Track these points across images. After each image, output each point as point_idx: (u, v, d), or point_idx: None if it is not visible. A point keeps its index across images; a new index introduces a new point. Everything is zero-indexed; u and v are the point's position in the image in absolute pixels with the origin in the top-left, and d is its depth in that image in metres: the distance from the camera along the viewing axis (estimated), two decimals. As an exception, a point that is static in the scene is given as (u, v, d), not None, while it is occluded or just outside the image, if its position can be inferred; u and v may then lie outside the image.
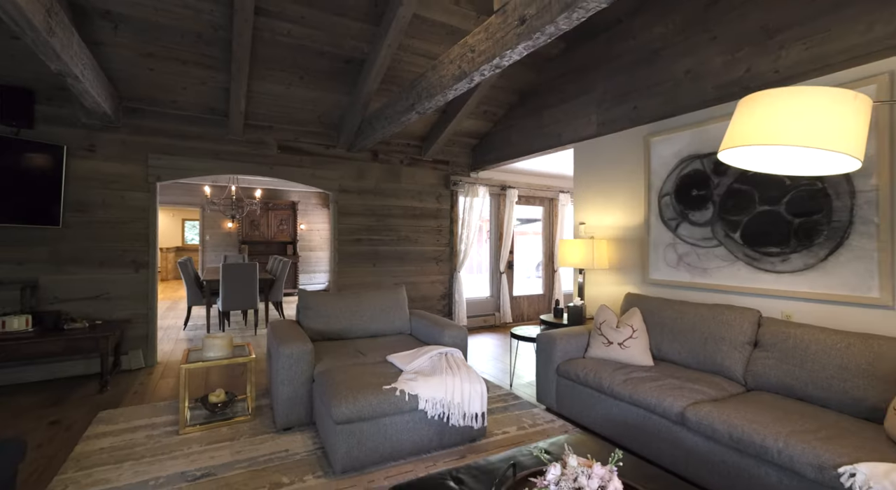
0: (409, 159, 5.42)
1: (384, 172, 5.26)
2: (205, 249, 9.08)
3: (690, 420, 2.04)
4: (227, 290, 5.32)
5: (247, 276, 5.43)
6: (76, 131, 3.79)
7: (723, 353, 2.46)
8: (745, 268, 2.73)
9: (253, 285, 5.48)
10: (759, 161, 1.44)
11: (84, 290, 3.81)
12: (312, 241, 10.19)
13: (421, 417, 2.34)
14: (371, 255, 5.17)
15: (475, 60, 2.59)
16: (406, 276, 5.38)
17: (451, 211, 5.68)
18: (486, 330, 5.84)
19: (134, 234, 4.00)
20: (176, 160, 4.15)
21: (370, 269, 5.16)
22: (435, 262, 5.58)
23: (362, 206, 5.13)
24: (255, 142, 4.53)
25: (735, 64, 2.82)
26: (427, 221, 5.53)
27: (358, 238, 5.10)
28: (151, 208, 4.06)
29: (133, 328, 4.00)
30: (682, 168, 3.15)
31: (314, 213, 10.20)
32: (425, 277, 5.52)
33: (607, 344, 2.89)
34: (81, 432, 2.65)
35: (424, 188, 5.52)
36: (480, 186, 5.68)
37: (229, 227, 9.26)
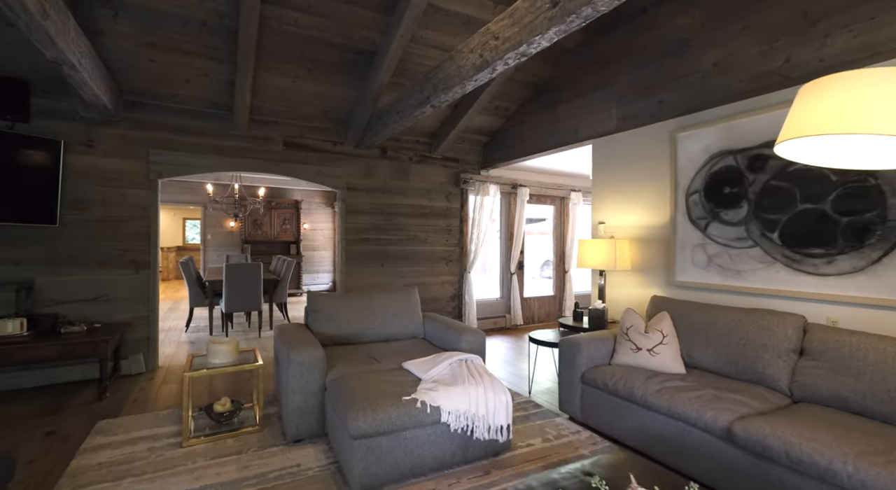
0: (418, 157, 5.26)
1: (393, 170, 5.10)
2: (206, 249, 8.92)
3: (739, 436, 1.88)
4: (230, 291, 5.16)
5: (250, 276, 5.27)
6: (74, 125, 3.63)
7: (764, 361, 2.30)
8: (784, 270, 2.57)
9: (257, 286, 5.32)
10: (818, 154, 1.28)
11: (82, 291, 3.65)
12: (316, 241, 10.03)
13: (443, 430, 2.18)
14: (379, 255, 5.01)
15: (499, 48, 2.43)
16: (415, 276, 5.22)
17: (460, 210, 5.51)
18: (497, 332, 5.68)
19: (134, 233, 3.84)
20: (178, 156, 3.99)
21: (378, 270, 5.00)
22: (444, 263, 5.42)
23: (370, 204, 4.97)
24: (260, 138, 4.37)
25: (772, 54, 2.66)
26: (436, 220, 5.37)
27: (366, 237, 4.94)
28: (152, 206, 3.90)
29: (133, 331, 3.84)
30: (712, 164, 2.99)
31: (317, 213, 10.04)
32: (435, 278, 5.36)
33: (635, 350, 2.73)
34: (78, 444, 2.49)
35: (434, 186, 5.35)
36: (491, 185, 5.52)
37: (231, 226, 9.10)
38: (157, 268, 3.94)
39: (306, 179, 4.62)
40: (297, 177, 4.57)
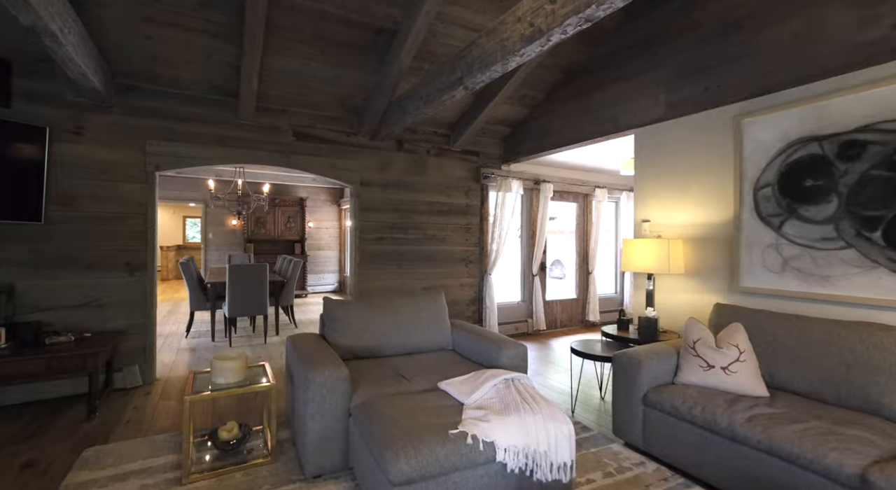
0: (436, 149, 4.88)
1: (409, 164, 4.72)
2: (207, 248, 8.55)
3: (880, 488, 1.50)
4: (234, 294, 4.79)
5: (256, 278, 4.89)
6: (61, 111, 3.25)
7: (880, 386, 1.93)
8: (889, 276, 2.19)
9: (262, 289, 4.94)
10: None
11: (70, 296, 3.28)
12: (321, 240, 9.66)
13: (497, 471, 1.81)
14: (395, 256, 4.63)
15: (556, 13, 2.05)
16: (433, 278, 4.85)
17: (481, 207, 5.14)
18: (519, 338, 5.31)
19: (129, 231, 3.46)
20: (177, 147, 3.61)
21: (395, 271, 4.63)
22: (464, 264, 5.05)
23: (386, 200, 4.59)
24: (268, 127, 3.99)
25: (875, 21, 2.28)
26: (455, 218, 4.99)
27: (381, 236, 4.56)
28: (150, 202, 3.52)
29: (128, 340, 3.46)
30: (789, 153, 2.61)
31: (322, 210, 9.67)
32: (454, 280, 4.98)
33: (706, 368, 2.35)
34: (60, 478, 2.12)
35: (452, 182, 4.98)
36: (514, 180, 5.14)
37: (234, 224, 8.73)
38: (154, 270, 3.57)
39: (318, 174, 4.24)
40: (307, 171, 4.19)
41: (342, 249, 9.78)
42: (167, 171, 3.63)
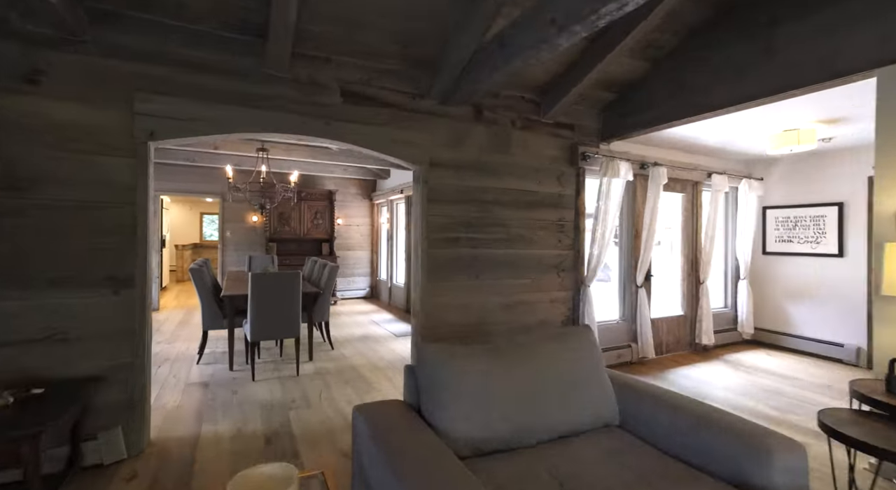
0: (522, 121, 3.67)
1: (490, 139, 3.53)
2: (225, 248, 7.52)
3: None
4: (258, 311, 3.67)
5: (286, 290, 3.77)
6: (8, 46, 2.15)
7: None
8: None
9: (294, 304, 3.82)
10: None
11: (20, 327, 2.18)
12: (350, 239, 8.56)
13: None
14: (471, 263, 3.45)
15: None
16: (518, 292, 3.65)
17: (576, 198, 3.92)
18: (623, 369, 4.07)
19: (111, 228, 2.35)
20: (179, 105, 2.48)
21: (470, 284, 3.45)
22: (556, 272, 3.83)
23: (460, 188, 3.41)
24: (307, 82, 2.84)
25: None
26: (545, 212, 3.78)
27: (454, 237, 3.38)
28: (141, 186, 2.41)
29: (108, 391, 2.35)
30: None
31: (352, 205, 8.56)
32: (543, 294, 3.78)
33: None
34: None
35: (542, 164, 3.77)
36: (622, 162, 3.90)
37: (254, 221, 7.68)
38: (149, 284, 2.46)
39: (374, 149, 3.07)
40: (358, 145, 3.02)
41: (374, 250, 8.66)
42: (166, 141, 2.51)
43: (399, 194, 7.18)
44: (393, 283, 7.74)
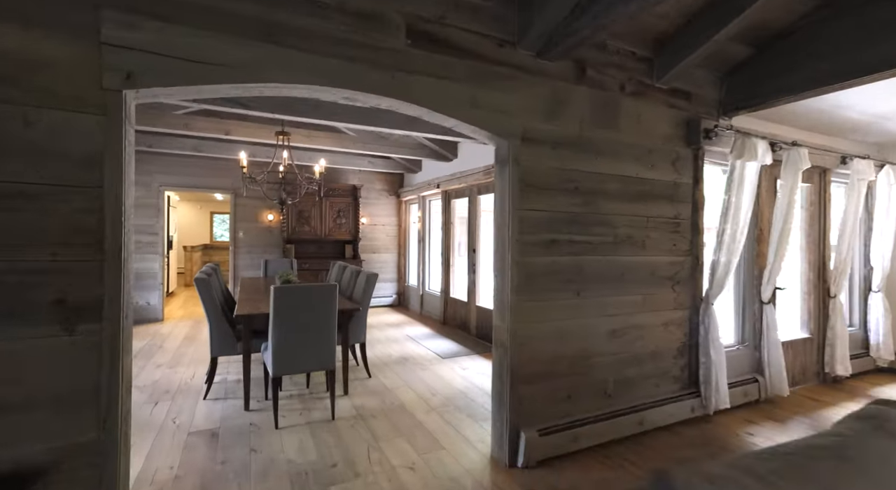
0: (633, 84, 2.75)
1: (594, 107, 2.62)
2: (237, 250, 6.69)
3: None
4: (282, 337, 2.80)
5: (319, 309, 2.89)
6: None
7: None
8: None
9: (329, 327, 2.93)
10: None
11: None
12: (376, 240, 7.69)
13: None
14: (573, 273, 2.54)
15: None
16: (626, 313, 2.73)
17: (694, 188, 2.99)
18: (749, 412, 3.12)
19: (65, 229, 1.48)
20: (173, 35, 1.60)
21: (571, 304, 2.53)
22: (670, 286, 2.91)
23: (559, 172, 2.50)
24: (360, 14, 1.95)
25: None
26: (658, 207, 2.86)
27: (551, 239, 2.48)
28: (113, 160, 1.53)
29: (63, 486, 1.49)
30: None
31: (378, 203, 7.69)
32: (655, 316, 2.85)
33: None
34: None
35: (655, 143, 2.85)
36: (759, 141, 2.96)
37: (269, 220, 6.84)
38: (124, 313, 1.59)
39: (447, 113, 2.17)
40: (433, 108, 2.12)
41: (402, 253, 7.78)
42: (151, 92, 1.63)
43: (434, 190, 6.28)
44: (425, 290, 6.85)
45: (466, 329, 5.55)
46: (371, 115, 4.13)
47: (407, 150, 5.78)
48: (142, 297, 5.95)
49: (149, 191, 6.03)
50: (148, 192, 6.02)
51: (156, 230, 6.04)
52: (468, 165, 5.51)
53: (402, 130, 4.30)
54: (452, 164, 5.98)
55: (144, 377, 3.71)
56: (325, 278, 6.72)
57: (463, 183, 5.52)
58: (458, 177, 5.61)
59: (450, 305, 6.03)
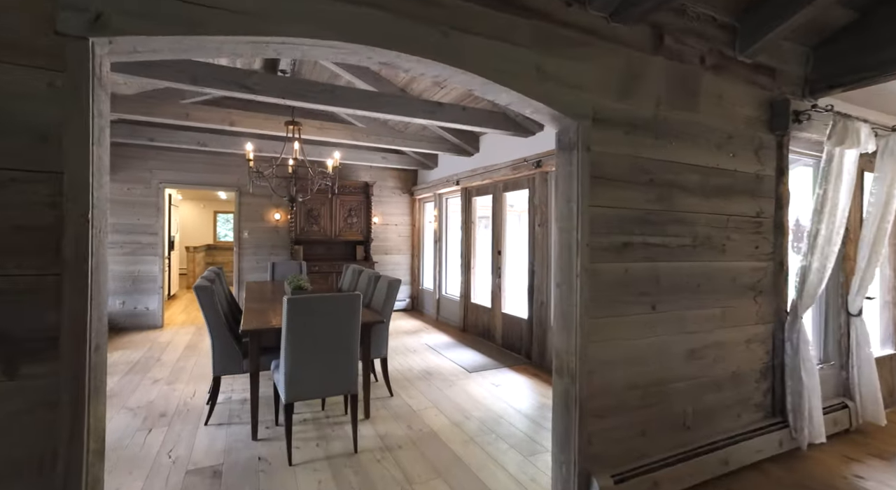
0: (714, 56, 2.31)
1: (671, 83, 2.18)
2: (242, 252, 6.28)
3: None
4: (297, 356, 2.37)
5: (340, 322, 2.46)
6: None
7: None
8: None
9: (350, 344, 2.51)
10: None
11: None
12: (388, 241, 7.26)
13: None
14: (648, 283, 2.11)
15: None
16: (705, 329, 2.29)
17: (778, 181, 2.54)
18: (839, 443, 2.67)
19: (4, 228, 1.06)
20: (162, -34, 1.18)
21: (645, 320, 2.10)
22: (752, 297, 2.47)
23: (631, 161, 2.06)
24: (403, -45, 1.53)
25: None
26: (739, 203, 2.42)
27: (624, 241, 2.04)
28: (74, 129, 1.11)
29: None
30: None
31: (390, 201, 7.27)
32: (737, 332, 2.41)
33: None
34: None
35: (737, 128, 2.40)
36: (862, 125, 2.51)
37: (276, 219, 6.43)
38: (95, 346, 1.16)
39: (506, 84, 1.72)
40: (492, 77, 1.68)
41: (415, 254, 7.35)
42: (130, 44, 1.21)
43: (452, 187, 5.85)
44: (442, 294, 6.42)
45: (490, 337, 5.12)
46: (391, 103, 3.71)
47: (425, 144, 5.35)
48: (140, 302, 5.56)
49: (148, 188, 5.63)
50: (147, 189, 5.62)
51: (155, 230, 5.64)
52: (492, 160, 5.07)
53: (424, 119, 3.87)
54: (474, 159, 5.55)
55: (139, 396, 3.30)
56: (338, 282, 6.31)
57: (486, 179, 5.08)
58: (481, 172, 5.18)
59: (470, 311, 5.59)
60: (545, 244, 4.22)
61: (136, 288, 5.53)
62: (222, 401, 3.23)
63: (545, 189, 4.21)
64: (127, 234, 5.51)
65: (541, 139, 4.27)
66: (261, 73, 3.23)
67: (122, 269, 5.47)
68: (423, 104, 3.86)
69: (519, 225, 5.29)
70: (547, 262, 4.20)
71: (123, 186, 5.50)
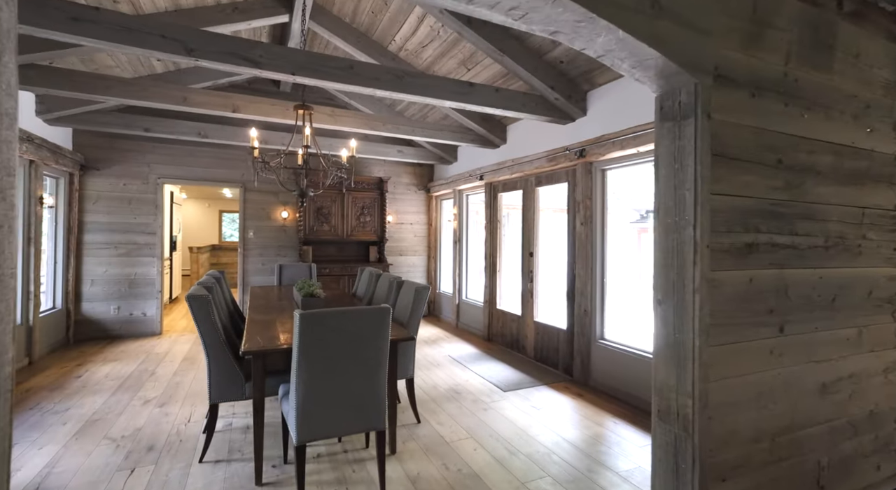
0: (852, 1, 1.79)
1: (803, 29, 1.65)
2: (247, 253, 5.82)
3: None
4: (310, 384, 1.88)
5: (365, 342, 1.96)
6: None
7: None
8: None
9: (377, 369, 2.01)
10: None
11: None
12: (402, 241, 6.77)
13: None
14: (776, 296, 1.58)
15: None
16: (838, 356, 1.77)
17: (916, 165, 2.01)
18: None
19: None
20: None
21: (771, 342, 1.58)
22: (889, 312, 1.94)
23: (756, 135, 1.54)
24: None
25: None
26: (876, 192, 1.89)
27: (747, 241, 1.52)
28: None
29: None
30: None
31: (404, 198, 6.77)
32: (874, 359, 1.88)
33: None
34: None
35: (874, 94, 1.87)
36: None
37: (284, 217, 5.96)
38: None
39: (610, 19, 1.23)
40: (588, 6, 1.19)
41: (432, 255, 6.85)
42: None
43: (475, 182, 5.34)
44: (462, 299, 5.91)
45: (520, 348, 4.61)
46: (418, 83, 3.22)
47: (447, 135, 4.85)
48: (136, 308, 5.11)
49: (146, 184, 5.18)
50: (145, 184, 5.17)
51: (153, 229, 5.19)
52: (522, 151, 4.56)
53: (454, 102, 3.37)
54: (500, 151, 5.04)
55: (125, 423, 2.82)
56: (350, 287, 5.83)
57: (516, 172, 4.57)
58: (509, 165, 4.67)
59: (496, 319, 5.08)
60: (590, 244, 3.70)
61: (131, 292, 5.08)
62: (221, 428, 2.75)
63: (589, 181, 3.69)
64: (122, 234, 5.06)
65: (582, 126, 3.76)
66: (268, 45, 2.75)
67: (117, 271, 5.03)
68: (453, 84, 3.36)
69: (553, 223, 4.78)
70: (591, 265, 3.68)
71: (118, 182, 5.06)
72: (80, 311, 4.87)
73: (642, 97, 3.15)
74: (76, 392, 3.31)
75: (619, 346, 3.46)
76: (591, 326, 3.69)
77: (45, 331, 4.23)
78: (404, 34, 3.91)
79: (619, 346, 3.46)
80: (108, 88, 3.33)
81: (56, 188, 4.62)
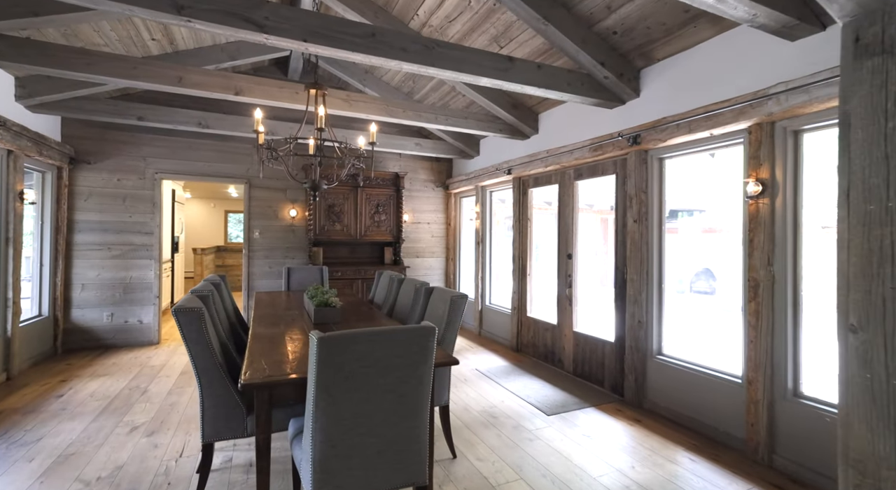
0: None
1: None
2: (252, 254, 5.37)
3: None
4: (331, 425, 1.41)
5: (399, 370, 1.49)
6: None
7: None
8: None
9: (419, 404, 1.54)
10: None
11: None
12: (419, 242, 6.29)
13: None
14: None
15: None
16: None
17: None
18: None
19: None
20: None
21: None
22: None
23: None
24: None
25: None
26: None
27: None
28: None
29: None
30: None
31: (420, 196, 6.30)
32: None
33: None
34: None
35: None
36: None
37: (292, 216, 5.51)
38: None
39: None
40: None
41: (451, 257, 6.37)
42: None
43: (501, 177, 4.86)
44: (485, 304, 5.43)
45: (555, 362, 4.11)
46: (451, 56, 2.75)
47: (472, 123, 4.37)
48: (132, 315, 4.67)
49: (142, 179, 4.75)
50: (141, 180, 4.75)
51: (151, 229, 4.75)
52: (558, 141, 4.08)
53: (492, 79, 2.90)
54: (530, 142, 4.56)
55: (104, 457, 2.36)
56: (365, 291, 5.36)
57: (550, 165, 4.08)
58: (542, 157, 4.18)
59: (526, 327, 4.59)
60: (644, 245, 3.20)
61: (126, 298, 4.65)
62: (220, 464, 2.29)
63: (644, 172, 3.20)
64: (117, 234, 4.63)
65: (634, 109, 3.27)
66: (275, 4, 2.29)
67: (111, 275, 4.60)
68: (490, 58, 2.89)
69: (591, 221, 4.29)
70: (647, 269, 3.19)
71: (112, 177, 4.63)
72: (70, 319, 4.44)
73: (719, 68, 2.66)
74: (53, 416, 2.86)
75: (682, 363, 2.96)
76: (646, 339, 3.20)
77: (26, 342, 3.79)
78: (429, 7, 3.45)
79: (682, 364, 2.95)
80: (90, 65, 2.89)
81: (42, 183, 4.20)
